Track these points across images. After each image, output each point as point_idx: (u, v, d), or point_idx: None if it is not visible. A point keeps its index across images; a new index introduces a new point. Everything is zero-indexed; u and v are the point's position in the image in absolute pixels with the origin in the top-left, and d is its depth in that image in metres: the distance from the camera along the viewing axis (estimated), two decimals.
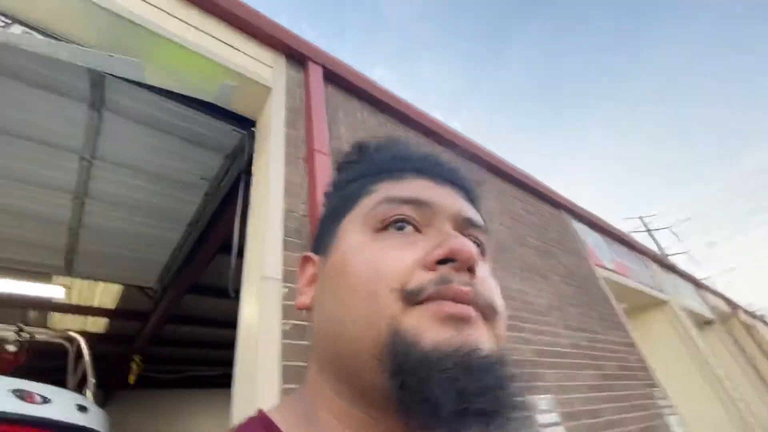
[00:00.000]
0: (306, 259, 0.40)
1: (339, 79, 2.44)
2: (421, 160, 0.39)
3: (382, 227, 0.33)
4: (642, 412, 2.78)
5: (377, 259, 0.30)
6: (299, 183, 1.70)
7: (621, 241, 5.44)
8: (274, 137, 1.79)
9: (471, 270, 0.29)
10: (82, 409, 1.78)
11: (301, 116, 2.00)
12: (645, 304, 5.32)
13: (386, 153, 0.41)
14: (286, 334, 1.25)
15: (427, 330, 0.26)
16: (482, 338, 0.27)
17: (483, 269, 0.32)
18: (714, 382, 4.91)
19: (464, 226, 0.34)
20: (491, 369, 0.25)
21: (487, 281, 0.31)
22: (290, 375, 1.18)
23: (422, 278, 0.28)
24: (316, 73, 2.27)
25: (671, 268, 6.86)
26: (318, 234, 0.40)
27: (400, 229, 0.32)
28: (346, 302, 0.30)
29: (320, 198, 1.66)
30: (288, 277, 1.37)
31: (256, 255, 1.43)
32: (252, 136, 2.11)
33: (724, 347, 7.19)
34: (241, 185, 2.13)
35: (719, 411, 4.78)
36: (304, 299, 0.37)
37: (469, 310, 0.27)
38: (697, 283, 7.92)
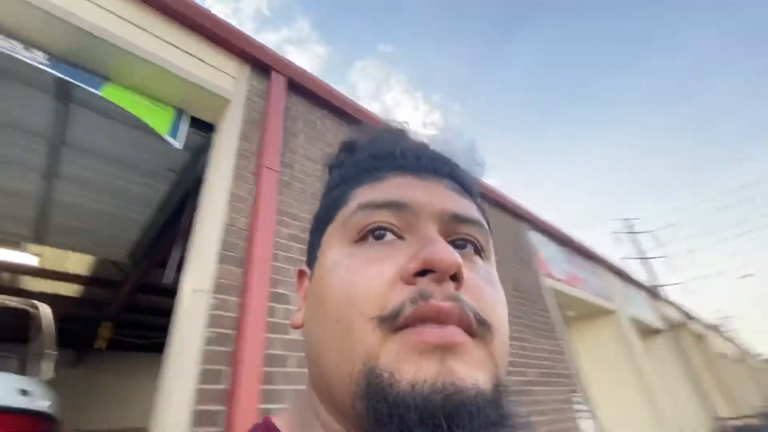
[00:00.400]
0: (300, 274, 0.37)
1: (303, 89, 2.55)
2: (402, 155, 0.34)
3: (360, 238, 0.29)
4: (556, 416, 3.10)
5: (351, 280, 0.27)
6: (244, 197, 1.86)
7: (580, 252, 5.72)
8: (225, 150, 1.93)
9: (456, 278, 0.25)
10: (23, 392, 1.93)
11: (257, 129, 2.13)
12: (592, 313, 5.66)
13: (366, 151, 0.36)
14: (209, 341, 1.44)
15: (405, 367, 0.23)
16: (471, 370, 0.23)
17: (475, 273, 0.28)
18: (645, 390, 5.33)
19: (452, 223, 0.30)
20: (479, 412, 0.22)
21: (480, 288, 0.27)
22: (208, 377, 1.38)
23: (400, 297, 0.25)
24: (279, 83, 2.39)
25: (628, 279, 7.23)
26: (309, 245, 0.37)
27: (380, 238, 0.29)
28: (322, 331, 0.27)
29: (263, 213, 1.83)
30: (219, 288, 1.55)
31: (193, 266, 1.60)
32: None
33: (670, 356, 7.68)
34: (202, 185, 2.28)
35: (644, 417, 5.22)
36: (297, 318, 0.34)
37: (452, 335, 0.24)
38: (653, 293, 8.36)
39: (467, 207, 0.32)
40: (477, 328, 0.25)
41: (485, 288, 0.28)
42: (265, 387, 1.47)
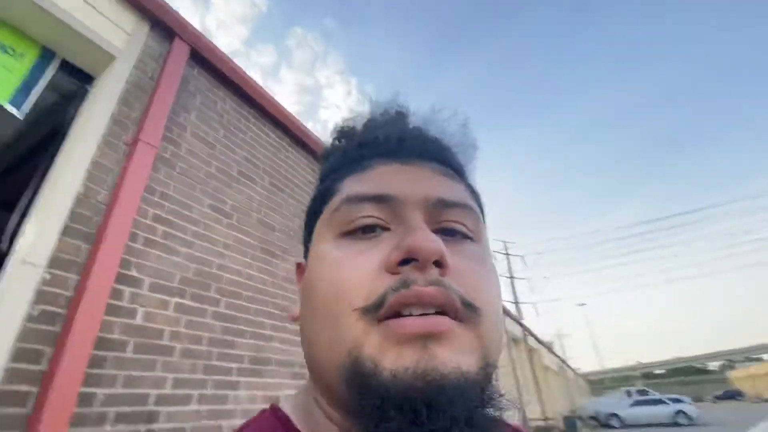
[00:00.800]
0: (299, 267, 0.38)
1: (208, 64, 2.44)
2: (386, 140, 0.33)
3: (347, 231, 0.29)
4: None
5: (338, 273, 0.27)
6: (109, 168, 1.73)
7: None
8: (98, 110, 1.77)
9: (440, 264, 0.25)
10: None
11: (143, 95, 1.99)
12: None
13: (353, 139, 0.35)
14: (31, 318, 1.34)
15: (387, 356, 0.23)
16: (455, 354, 0.23)
17: (463, 257, 0.28)
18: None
19: (439, 210, 0.29)
20: (461, 395, 0.22)
21: (468, 270, 0.27)
22: (24, 356, 1.29)
23: (383, 286, 0.25)
24: (181, 50, 2.25)
25: None
26: (303, 238, 0.37)
27: (366, 231, 0.28)
28: (312, 324, 0.28)
29: (128, 189, 1.73)
30: (57, 263, 1.44)
31: (29, 233, 1.46)
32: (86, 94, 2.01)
33: (503, 365, 9.13)
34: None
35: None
36: (295, 311, 0.34)
37: (435, 323, 0.23)
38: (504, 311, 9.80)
39: (454, 190, 0.31)
40: (463, 312, 0.25)
41: (474, 270, 0.27)
42: (91, 371, 1.43)
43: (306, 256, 0.35)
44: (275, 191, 2.79)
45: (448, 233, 0.29)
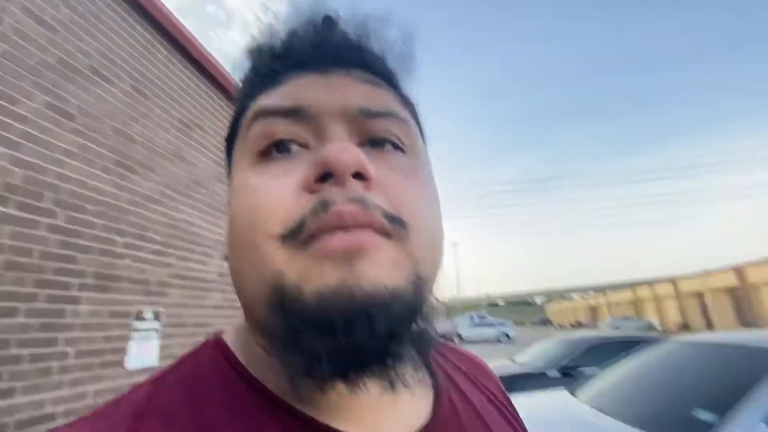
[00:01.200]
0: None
1: None
2: (300, 50, 0.29)
3: (262, 153, 0.26)
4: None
5: (253, 200, 0.25)
6: None
7: None
8: None
9: (362, 177, 0.23)
10: None
11: None
12: None
13: (266, 53, 0.31)
14: None
15: (311, 277, 0.21)
16: (381, 270, 0.22)
17: (390, 169, 0.26)
18: None
19: (363, 120, 0.26)
20: (385, 310, 0.21)
21: (396, 183, 0.25)
22: None
23: (300, 208, 0.23)
24: None
25: None
26: (225, 168, 0.34)
27: (283, 151, 0.26)
28: (235, 257, 0.26)
29: None
30: None
31: None
32: None
33: None
34: None
35: None
36: (225, 248, 0.31)
37: (358, 239, 0.22)
38: None
39: (378, 98, 0.28)
40: (390, 228, 0.23)
41: (402, 182, 0.26)
42: None
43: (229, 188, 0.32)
44: (139, 98, 2.48)
45: (375, 144, 0.27)
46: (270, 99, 0.27)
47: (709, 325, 25.20)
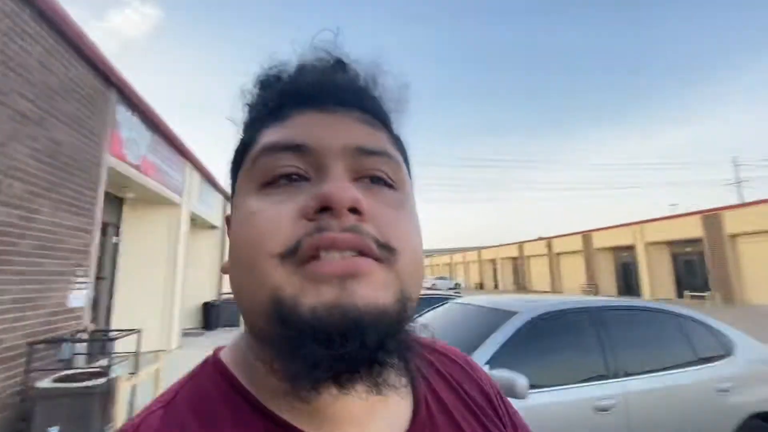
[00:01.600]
0: (227, 220, 0.35)
1: None
2: (306, 89, 0.32)
3: (267, 182, 0.29)
4: (48, 285, 3.10)
5: (256, 222, 0.27)
6: None
7: (172, 145, 5.84)
8: None
9: (356, 211, 0.26)
10: None
11: None
12: (155, 201, 6.01)
13: (274, 87, 0.34)
14: None
15: (307, 294, 0.24)
16: (372, 290, 0.25)
17: (381, 202, 0.29)
18: (174, 274, 6.37)
19: (359, 158, 0.30)
20: (375, 325, 0.24)
21: (384, 214, 0.28)
22: None
23: (298, 232, 0.26)
24: None
25: (211, 181, 8.21)
26: (230, 190, 0.36)
27: (286, 181, 0.29)
28: (238, 275, 0.28)
29: None
30: None
31: None
32: None
33: (215, 250, 9.50)
34: None
35: (163, 292, 6.26)
36: (225, 264, 0.32)
37: (354, 263, 0.25)
38: (227, 198, 9.96)
39: (374, 139, 0.31)
40: (379, 253, 0.26)
41: (390, 214, 0.28)
42: None
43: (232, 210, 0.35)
44: None
45: (368, 181, 0.30)
46: (276, 135, 0.30)
47: (496, 285, 32.63)
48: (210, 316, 8.56)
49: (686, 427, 2.03)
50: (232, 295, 0.31)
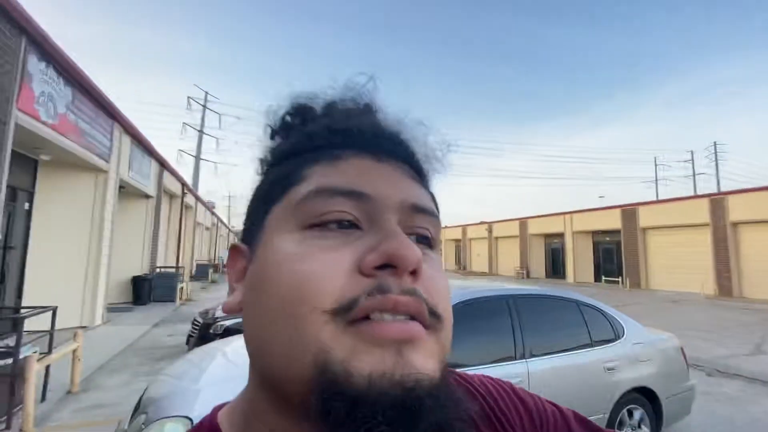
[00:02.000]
0: (235, 251, 0.32)
1: None
2: (361, 132, 0.30)
3: (315, 224, 0.26)
4: None
5: (303, 271, 0.24)
6: None
7: (97, 104, 5.29)
8: None
9: (414, 272, 0.25)
10: None
11: None
12: (78, 165, 5.47)
13: (320, 123, 0.31)
14: None
15: (361, 359, 0.22)
16: (425, 361, 0.23)
17: (429, 265, 0.27)
18: (98, 242, 5.89)
19: (411, 214, 0.28)
20: (435, 402, 0.22)
21: (434, 281, 0.27)
22: None
23: (356, 287, 0.23)
24: None
25: (143, 145, 7.59)
26: (246, 220, 0.33)
27: (339, 227, 0.26)
28: (268, 325, 0.25)
29: None
30: None
31: None
32: None
33: (152, 218, 8.89)
34: None
35: (86, 273, 5.79)
36: (233, 301, 0.30)
37: (411, 329, 0.23)
38: (162, 165, 9.29)
39: (424, 197, 0.30)
40: (430, 321, 0.25)
41: (437, 280, 0.27)
42: None
43: (248, 241, 0.31)
44: None
45: (418, 240, 0.29)
46: (332, 177, 0.28)
47: None
48: (141, 290, 8.09)
49: (579, 401, 2.35)
50: (169, 269, 0.30)
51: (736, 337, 6.50)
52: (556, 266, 21.61)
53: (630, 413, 2.58)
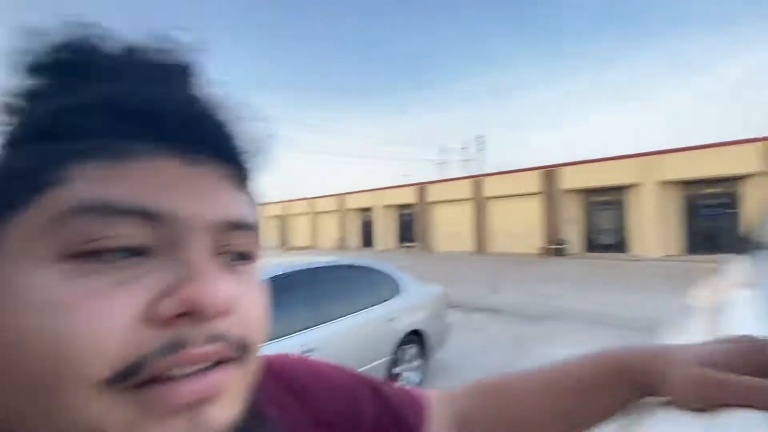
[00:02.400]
0: None
1: None
2: (165, 118, 0.21)
3: (82, 253, 0.18)
4: None
5: (66, 325, 0.17)
6: None
7: None
8: None
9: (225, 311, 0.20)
10: None
11: None
12: None
13: (105, 88, 0.20)
14: None
15: None
16: (228, 409, 0.20)
17: (245, 289, 0.22)
18: None
19: (228, 233, 0.22)
20: None
21: (248, 308, 0.22)
22: None
23: (144, 344, 0.18)
24: None
25: None
26: None
27: (120, 257, 0.18)
28: (9, 399, 0.18)
29: None
30: None
31: None
32: None
33: None
34: None
35: None
36: None
37: (212, 382, 0.19)
38: None
39: (246, 208, 0.24)
40: (238, 353, 0.21)
41: (254, 301, 0.23)
42: None
43: None
44: None
45: (233, 257, 0.23)
46: (117, 185, 0.19)
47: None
48: None
49: (370, 350, 2.82)
50: None
51: (484, 282, 8.86)
52: (367, 237, 24.12)
53: (405, 353, 3.27)
